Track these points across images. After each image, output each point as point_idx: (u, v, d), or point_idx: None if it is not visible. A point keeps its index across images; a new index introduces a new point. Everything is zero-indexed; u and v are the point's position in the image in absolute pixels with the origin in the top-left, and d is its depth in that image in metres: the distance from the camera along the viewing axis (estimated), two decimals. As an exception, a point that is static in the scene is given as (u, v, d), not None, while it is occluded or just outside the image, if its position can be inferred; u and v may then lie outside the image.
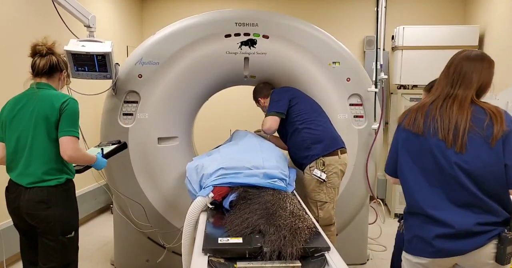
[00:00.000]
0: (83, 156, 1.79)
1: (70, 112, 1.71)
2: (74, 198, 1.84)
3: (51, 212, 1.70)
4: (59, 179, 1.73)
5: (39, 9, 3.03)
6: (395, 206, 3.94)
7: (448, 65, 1.45)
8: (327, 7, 4.68)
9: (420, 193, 1.37)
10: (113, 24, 4.29)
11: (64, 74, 1.87)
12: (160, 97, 2.50)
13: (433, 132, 1.34)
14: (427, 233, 1.34)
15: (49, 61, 1.78)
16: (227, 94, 3.17)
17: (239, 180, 1.80)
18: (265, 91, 2.62)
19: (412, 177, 1.39)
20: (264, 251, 1.30)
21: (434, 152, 1.34)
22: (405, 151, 1.41)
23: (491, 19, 3.72)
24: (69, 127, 1.70)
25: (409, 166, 1.40)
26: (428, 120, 1.36)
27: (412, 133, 1.38)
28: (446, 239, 1.32)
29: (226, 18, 2.54)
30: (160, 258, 2.62)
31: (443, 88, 1.40)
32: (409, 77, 3.90)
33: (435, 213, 1.33)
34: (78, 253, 1.90)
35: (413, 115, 1.40)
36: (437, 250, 1.33)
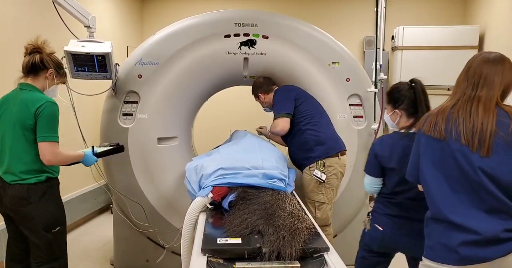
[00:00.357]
0: (64, 158, 1.80)
1: (45, 117, 1.72)
2: (56, 195, 1.86)
3: (31, 208, 1.75)
4: (38, 177, 1.76)
5: (39, 9, 3.03)
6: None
7: (467, 68, 1.39)
8: (326, 8, 4.68)
9: (444, 200, 1.32)
10: (113, 24, 4.29)
11: (52, 72, 1.84)
12: (159, 98, 2.51)
13: (455, 137, 1.29)
14: (451, 240, 1.29)
15: (31, 59, 1.79)
16: (227, 94, 3.18)
17: (238, 181, 1.80)
18: (266, 86, 2.57)
19: (434, 183, 1.34)
20: (263, 252, 1.30)
21: (457, 157, 1.29)
22: (427, 157, 1.35)
23: (491, 19, 3.72)
24: (46, 132, 1.72)
25: (431, 172, 1.34)
26: (450, 124, 1.31)
27: (433, 138, 1.33)
28: (472, 246, 1.27)
29: (225, 19, 2.54)
30: (159, 258, 2.62)
31: (464, 91, 1.34)
32: (409, 77, 3.81)
33: (460, 219, 1.28)
34: (65, 248, 1.91)
35: (433, 119, 1.35)
36: (463, 257, 1.28)
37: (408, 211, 1.65)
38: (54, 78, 1.85)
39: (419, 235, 1.48)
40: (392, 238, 1.67)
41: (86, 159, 1.93)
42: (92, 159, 1.96)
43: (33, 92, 1.79)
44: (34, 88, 1.81)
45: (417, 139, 1.41)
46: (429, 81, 4.19)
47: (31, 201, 1.75)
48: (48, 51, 1.84)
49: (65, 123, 3.22)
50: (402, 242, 1.67)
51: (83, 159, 1.92)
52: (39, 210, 1.76)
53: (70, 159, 1.85)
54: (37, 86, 1.82)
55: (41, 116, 1.71)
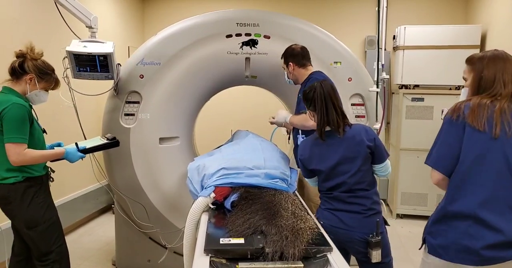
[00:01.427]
0: (31, 159, 1.79)
1: (8, 119, 1.74)
2: (38, 194, 1.88)
3: (12, 207, 1.83)
4: (16, 177, 1.81)
5: (41, 10, 3.04)
6: (397, 206, 3.94)
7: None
8: (328, 7, 4.68)
9: (479, 195, 1.30)
10: (114, 24, 4.29)
11: (32, 77, 1.85)
12: (161, 98, 2.51)
13: (504, 131, 1.29)
14: (474, 242, 1.28)
15: (13, 63, 1.84)
16: (229, 94, 3.18)
17: (240, 180, 1.80)
18: (302, 59, 2.30)
19: (476, 176, 1.31)
20: (266, 252, 1.30)
21: (506, 152, 1.29)
22: (470, 147, 1.32)
23: (493, 18, 3.71)
24: (9, 133, 1.74)
25: (473, 165, 1.32)
26: (494, 118, 1.30)
27: (476, 129, 1.30)
28: (495, 248, 1.27)
29: (227, 19, 2.54)
30: (161, 258, 2.62)
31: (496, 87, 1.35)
32: (411, 77, 3.89)
33: (489, 217, 1.27)
34: (56, 244, 1.94)
35: (476, 110, 1.32)
36: (484, 259, 1.28)
37: (345, 204, 1.71)
38: (36, 83, 1.87)
39: (359, 227, 1.62)
40: (332, 230, 1.69)
41: (68, 156, 1.93)
42: (75, 156, 1.96)
43: (7, 94, 1.82)
44: (11, 91, 1.84)
45: (454, 127, 1.35)
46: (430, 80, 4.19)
47: (11, 201, 1.82)
48: (32, 56, 1.86)
49: (67, 123, 3.24)
50: (342, 235, 1.68)
51: (65, 156, 1.92)
52: (20, 209, 1.83)
53: (42, 158, 1.86)
54: (17, 89, 1.85)
55: (5, 118, 1.73)
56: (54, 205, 2.02)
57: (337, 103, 1.74)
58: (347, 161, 1.69)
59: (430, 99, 3.82)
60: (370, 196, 1.70)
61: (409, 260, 2.87)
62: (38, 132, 1.91)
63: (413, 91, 3.88)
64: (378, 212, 1.71)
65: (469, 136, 1.32)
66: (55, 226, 1.95)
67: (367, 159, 1.69)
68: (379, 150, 1.70)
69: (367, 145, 1.67)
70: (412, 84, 3.91)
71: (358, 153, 1.68)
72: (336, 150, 1.71)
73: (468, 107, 1.34)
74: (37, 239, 1.88)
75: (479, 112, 1.31)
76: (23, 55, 1.84)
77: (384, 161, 1.72)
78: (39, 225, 1.87)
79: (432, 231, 1.41)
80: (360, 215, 1.66)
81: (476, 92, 1.40)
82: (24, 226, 1.86)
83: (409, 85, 3.93)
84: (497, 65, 1.36)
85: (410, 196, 3.91)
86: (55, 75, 1.95)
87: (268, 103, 4.33)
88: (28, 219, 1.85)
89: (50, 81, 1.94)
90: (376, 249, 1.58)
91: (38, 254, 1.92)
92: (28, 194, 1.84)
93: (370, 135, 1.69)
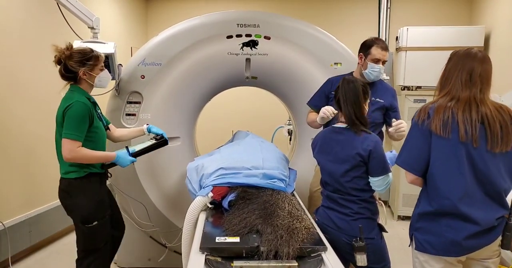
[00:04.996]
0: (82, 157, 1.82)
1: (68, 115, 1.79)
2: (94, 191, 1.92)
3: (70, 201, 1.89)
4: (78, 172, 1.86)
5: (43, 10, 3.08)
6: (398, 208, 3.93)
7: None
8: (329, 8, 4.68)
9: (454, 192, 1.39)
10: (117, 25, 4.33)
11: (83, 71, 1.85)
12: (162, 98, 2.53)
13: (467, 134, 1.36)
14: (457, 234, 1.37)
15: (59, 72, 1.87)
16: (229, 95, 3.19)
17: (238, 180, 1.82)
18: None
19: (447, 177, 1.40)
20: (261, 251, 1.32)
21: (471, 154, 1.36)
22: (437, 152, 1.40)
23: (496, 19, 3.70)
24: (66, 129, 1.78)
25: (441, 166, 1.41)
26: (457, 123, 1.37)
27: (441, 136, 1.38)
28: (473, 238, 1.37)
29: (227, 19, 2.56)
30: (161, 257, 2.64)
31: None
32: (413, 78, 3.88)
33: (468, 211, 1.36)
34: (103, 241, 1.97)
35: (440, 115, 1.38)
36: (464, 248, 1.38)
37: (337, 204, 1.71)
38: (90, 72, 1.88)
39: (346, 229, 1.63)
40: (323, 228, 1.70)
41: (119, 160, 1.95)
42: (126, 160, 1.98)
43: (73, 92, 1.87)
44: (77, 89, 1.88)
45: (420, 132, 1.42)
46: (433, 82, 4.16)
47: (71, 195, 1.88)
48: (66, 55, 1.83)
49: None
50: (331, 234, 1.68)
51: (116, 160, 1.95)
52: (78, 204, 1.88)
53: (93, 158, 1.87)
54: (82, 87, 1.89)
55: (67, 114, 1.79)
56: (109, 203, 2.04)
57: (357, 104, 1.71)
58: (337, 162, 1.70)
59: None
60: (359, 202, 1.67)
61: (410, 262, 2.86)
62: (100, 130, 1.94)
63: (415, 93, 3.87)
64: (367, 218, 1.67)
65: (435, 142, 1.40)
66: (107, 223, 1.99)
67: (357, 166, 1.65)
68: (374, 163, 1.63)
69: (358, 153, 1.63)
70: (414, 85, 3.90)
71: (347, 157, 1.67)
72: (333, 147, 1.73)
73: (432, 111, 1.40)
74: (87, 235, 1.91)
75: (442, 118, 1.37)
76: (59, 60, 1.84)
77: (377, 176, 1.64)
78: (93, 221, 1.90)
79: (418, 227, 1.47)
80: (348, 217, 1.65)
81: (440, 90, 1.46)
82: (80, 221, 1.89)
83: (412, 87, 3.92)
84: (463, 64, 1.40)
85: (411, 198, 3.89)
86: (94, 52, 1.90)
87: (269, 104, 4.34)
88: (85, 214, 1.88)
89: (97, 60, 1.90)
90: (360, 253, 1.57)
91: (81, 248, 1.95)
92: (88, 189, 1.89)
93: (367, 146, 1.63)
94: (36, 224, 3.01)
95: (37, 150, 3.06)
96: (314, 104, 2.25)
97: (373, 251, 1.64)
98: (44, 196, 3.13)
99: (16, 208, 2.86)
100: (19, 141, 2.89)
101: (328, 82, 2.28)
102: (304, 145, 2.69)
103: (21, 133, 2.90)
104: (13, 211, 2.83)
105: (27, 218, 2.92)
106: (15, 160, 2.85)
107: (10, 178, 2.81)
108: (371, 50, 2.13)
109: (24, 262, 2.89)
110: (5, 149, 2.75)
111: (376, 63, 2.12)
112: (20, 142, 2.90)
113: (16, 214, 2.85)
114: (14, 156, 2.84)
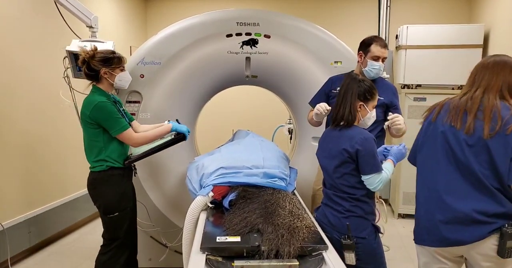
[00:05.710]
0: (143, 140, 2.05)
1: (100, 118, 1.94)
2: (119, 183, 2.06)
3: (95, 192, 2.05)
4: (101, 166, 2.01)
5: (42, 10, 3.06)
6: (398, 206, 3.92)
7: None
8: (329, 6, 4.67)
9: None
10: (116, 24, 4.32)
11: (105, 71, 1.97)
12: (162, 97, 2.52)
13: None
14: (434, 219, 1.45)
15: (84, 71, 1.99)
16: (230, 94, 3.18)
17: (238, 180, 1.81)
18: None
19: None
20: (262, 250, 1.31)
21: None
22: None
23: (496, 17, 3.69)
24: (111, 129, 1.95)
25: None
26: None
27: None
28: (453, 223, 1.41)
29: (227, 18, 2.54)
30: (162, 257, 2.63)
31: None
32: (413, 76, 3.87)
33: (448, 199, 1.42)
34: (124, 232, 2.10)
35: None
36: (445, 238, 1.42)
37: (331, 201, 1.71)
38: (111, 72, 2.00)
39: (337, 226, 1.63)
40: (320, 225, 1.69)
41: (177, 128, 2.11)
42: (182, 126, 2.14)
43: (94, 94, 2.00)
44: (97, 90, 2.01)
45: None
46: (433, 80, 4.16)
47: (96, 186, 2.03)
48: (90, 55, 1.95)
49: (67, 123, 3.26)
50: (325, 231, 1.67)
51: (174, 128, 2.10)
52: (101, 195, 2.04)
53: (154, 136, 2.07)
54: (103, 87, 2.02)
55: (98, 118, 1.93)
56: (132, 197, 2.16)
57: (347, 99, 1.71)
58: (329, 157, 1.71)
59: (432, 99, 3.80)
60: (351, 199, 1.64)
61: (410, 260, 2.85)
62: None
63: (415, 91, 3.86)
64: (358, 216, 1.64)
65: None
66: (128, 216, 2.11)
67: (345, 162, 1.64)
68: (362, 161, 1.61)
69: (345, 148, 1.62)
70: (414, 83, 3.89)
71: (336, 153, 1.66)
72: (328, 143, 1.74)
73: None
74: (109, 225, 2.07)
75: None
76: (84, 60, 1.96)
77: (367, 174, 1.61)
78: (114, 212, 2.04)
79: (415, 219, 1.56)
80: (340, 214, 1.64)
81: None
82: (102, 211, 2.06)
83: (411, 85, 3.91)
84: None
85: (412, 196, 3.89)
86: (116, 54, 2.03)
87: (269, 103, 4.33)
88: (106, 205, 2.03)
89: (119, 62, 2.03)
90: (348, 251, 1.55)
91: (106, 236, 2.11)
92: (110, 182, 2.02)
93: (355, 143, 1.61)
94: (36, 225, 3.00)
95: (36, 150, 3.05)
96: (314, 103, 2.25)
97: (364, 251, 1.61)
98: (44, 196, 3.12)
99: (15, 209, 2.85)
100: (18, 141, 2.88)
101: (329, 81, 2.31)
102: (305, 144, 2.68)
103: (20, 133, 2.88)
104: (12, 212, 2.82)
105: (26, 219, 2.91)
106: (14, 161, 2.84)
107: (9, 179, 2.80)
108: (370, 47, 2.13)
109: (24, 263, 2.88)
110: (4, 149, 2.74)
111: (375, 60, 2.12)
112: (19, 143, 2.89)
113: (15, 215, 2.84)
114: (13, 156, 2.82)
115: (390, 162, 1.75)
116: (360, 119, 1.73)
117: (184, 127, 2.14)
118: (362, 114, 1.72)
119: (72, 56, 2.21)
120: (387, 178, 1.67)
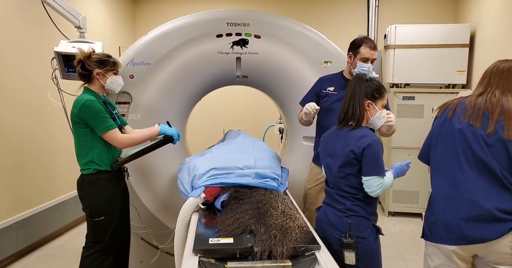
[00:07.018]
0: (129, 141, 2.02)
1: (87, 116, 1.92)
2: (104, 187, 2.02)
3: (83, 194, 2.04)
4: (89, 169, 2.00)
5: (28, 9, 3.01)
6: (388, 204, 3.97)
7: None
8: (318, 7, 4.69)
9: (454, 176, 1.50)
10: (105, 25, 4.27)
11: (98, 72, 1.99)
12: (151, 98, 2.50)
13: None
14: (453, 217, 1.46)
15: (77, 71, 2.00)
16: (220, 94, 3.17)
17: (230, 180, 1.80)
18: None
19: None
20: (255, 251, 1.31)
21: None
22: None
23: (482, 17, 3.75)
24: (96, 127, 1.93)
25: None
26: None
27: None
28: (473, 220, 1.41)
29: (217, 18, 2.54)
30: (153, 259, 2.61)
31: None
32: (402, 75, 3.92)
33: (466, 195, 1.44)
34: (108, 237, 2.06)
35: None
36: (464, 236, 1.42)
37: (332, 200, 1.72)
38: (104, 74, 2.02)
39: (338, 225, 1.63)
40: (320, 224, 1.71)
41: (166, 130, 2.10)
42: (172, 129, 2.13)
43: (84, 94, 2.00)
44: (88, 90, 2.02)
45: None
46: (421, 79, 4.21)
47: (84, 188, 2.02)
48: (86, 56, 1.98)
49: (56, 125, 3.22)
50: (326, 230, 1.68)
51: (162, 131, 2.09)
52: (88, 198, 2.02)
53: (141, 139, 2.06)
54: (94, 89, 2.02)
55: (84, 117, 1.92)
56: (120, 200, 2.13)
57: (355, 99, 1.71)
58: (334, 156, 1.71)
59: (420, 97, 3.85)
60: (353, 199, 1.64)
61: (401, 257, 2.89)
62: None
63: (404, 90, 3.91)
64: (360, 216, 1.63)
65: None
66: (114, 220, 2.07)
67: (350, 163, 1.63)
68: (366, 161, 1.59)
69: (352, 149, 1.61)
70: (403, 83, 3.94)
71: (342, 152, 1.66)
72: (334, 142, 1.73)
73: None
74: (94, 228, 2.06)
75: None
76: (80, 60, 1.98)
77: (367, 175, 1.59)
78: (100, 216, 2.02)
79: (425, 216, 1.56)
80: (341, 213, 1.64)
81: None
82: (88, 213, 2.04)
83: (400, 84, 3.96)
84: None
85: (402, 194, 3.94)
86: (112, 58, 2.05)
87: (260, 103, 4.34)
88: (92, 208, 2.02)
89: (113, 65, 2.05)
90: (348, 250, 1.55)
91: (89, 238, 2.10)
92: (97, 186, 2.00)
93: (362, 143, 1.60)
94: (23, 228, 2.95)
95: (24, 152, 2.99)
96: (305, 103, 2.26)
97: (363, 251, 1.61)
98: (32, 199, 3.07)
99: (2, 212, 2.79)
100: (6, 143, 2.82)
101: (319, 81, 2.33)
102: (296, 144, 2.69)
103: (8, 135, 2.83)
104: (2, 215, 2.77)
105: (13, 222, 2.86)
106: (1, 163, 2.78)
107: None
108: (360, 49, 2.15)
109: (12, 267, 2.83)
110: (-10, 152, 2.69)
111: (365, 62, 2.14)
112: (7, 145, 2.83)
113: (2, 218, 2.79)
114: (0, 158, 2.77)
115: (391, 173, 1.72)
116: (369, 118, 1.69)
117: (173, 130, 2.13)
118: (371, 113, 1.69)
119: (60, 57, 2.18)
120: (388, 184, 1.64)
